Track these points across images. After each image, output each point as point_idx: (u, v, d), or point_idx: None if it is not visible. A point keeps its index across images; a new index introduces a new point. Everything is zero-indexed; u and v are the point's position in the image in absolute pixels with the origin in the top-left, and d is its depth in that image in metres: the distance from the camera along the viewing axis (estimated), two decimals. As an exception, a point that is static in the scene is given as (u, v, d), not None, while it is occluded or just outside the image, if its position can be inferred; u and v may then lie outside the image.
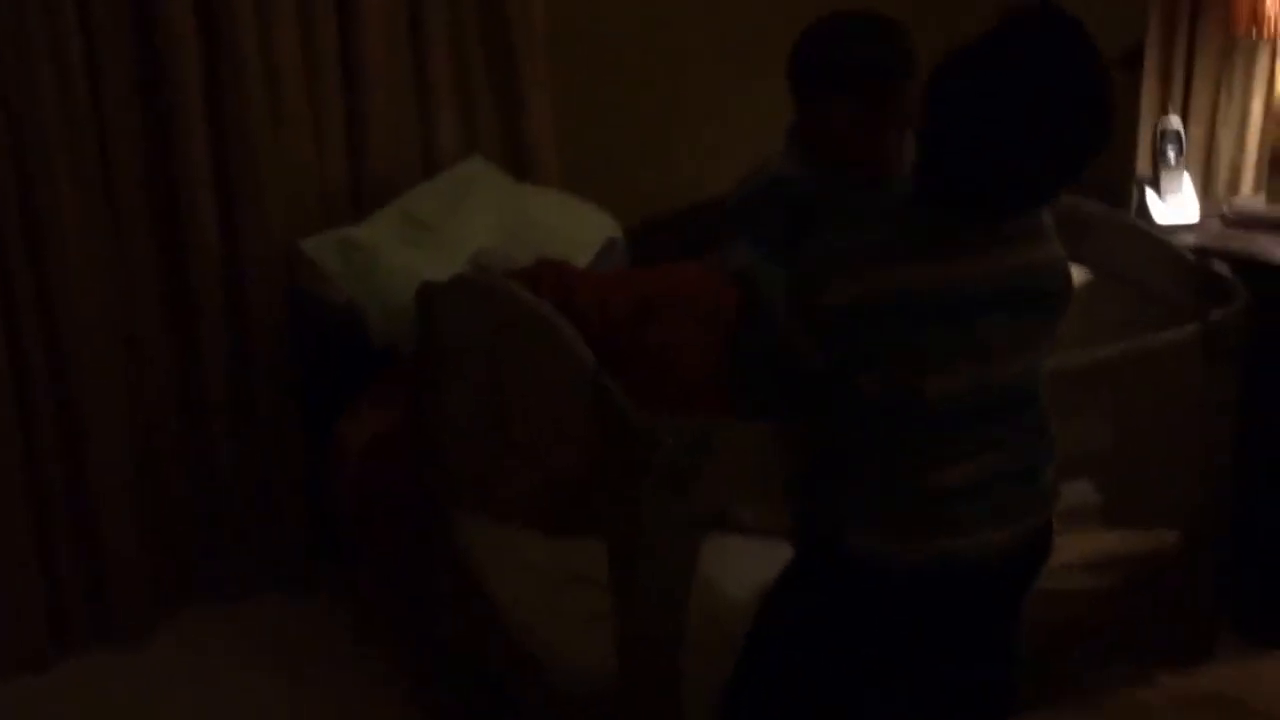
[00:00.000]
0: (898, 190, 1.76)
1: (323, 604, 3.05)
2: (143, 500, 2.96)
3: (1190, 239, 2.77)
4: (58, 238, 2.74)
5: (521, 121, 3.20)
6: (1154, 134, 2.90)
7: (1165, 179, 2.86)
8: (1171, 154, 2.85)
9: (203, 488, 3.03)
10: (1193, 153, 2.99)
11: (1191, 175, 2.95)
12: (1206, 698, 1.94)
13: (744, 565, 2.20)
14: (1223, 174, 2.97)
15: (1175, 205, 2.85)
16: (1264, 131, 2.92)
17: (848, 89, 1.92)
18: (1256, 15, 2.73)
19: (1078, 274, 2.91)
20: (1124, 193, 3.18)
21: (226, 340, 2.97)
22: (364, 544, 2.85)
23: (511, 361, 2.42)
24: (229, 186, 2.94)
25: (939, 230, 1.68)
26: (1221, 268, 2.40)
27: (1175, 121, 2.89)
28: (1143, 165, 3.01)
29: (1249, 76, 2.89)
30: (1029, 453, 1.81)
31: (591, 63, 3.32)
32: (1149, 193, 2.89)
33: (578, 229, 3.03)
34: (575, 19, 3.26)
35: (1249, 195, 2.95)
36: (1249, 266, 2.57)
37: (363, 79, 3.05)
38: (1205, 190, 2.99)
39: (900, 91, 1.91)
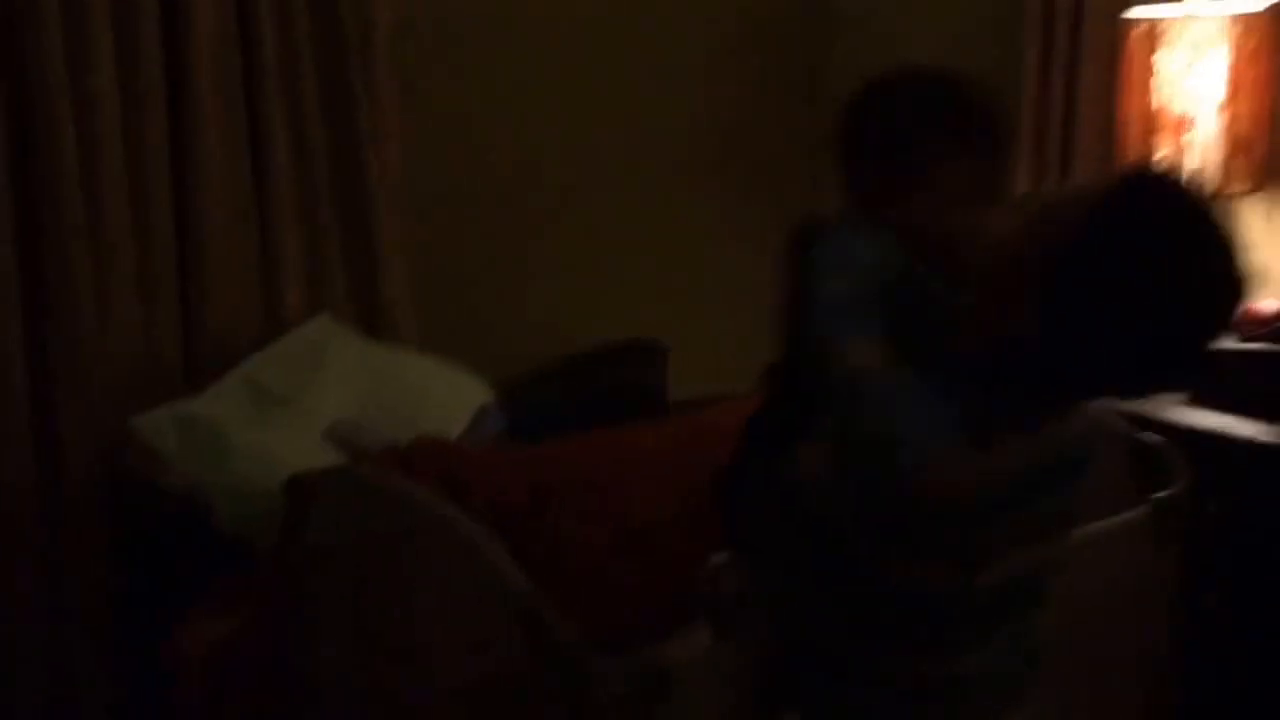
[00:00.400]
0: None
1: None
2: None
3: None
4: None
5: (376, 277, 2.93)
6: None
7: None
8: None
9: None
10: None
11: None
12: None
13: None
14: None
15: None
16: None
17: (968, 151, 1.57)
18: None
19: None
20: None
21: (39, 538, 2.58)
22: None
23: (407, 567, 2.12)
24: (45, 360, 2.58)
25: (1023, 407, 1.43)
26: (1157, 440, 2.30)
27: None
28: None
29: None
30: (1033, 632, 1.62)
31: (449, 214, 3.09)
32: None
33: (446, 396, 2.76)
34: (433, 170, 3.04)
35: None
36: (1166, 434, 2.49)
37: (199, 235, 2.74)
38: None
39: (1008, 157, 1.64)
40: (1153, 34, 2.66)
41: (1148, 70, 2.67)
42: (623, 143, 3.31)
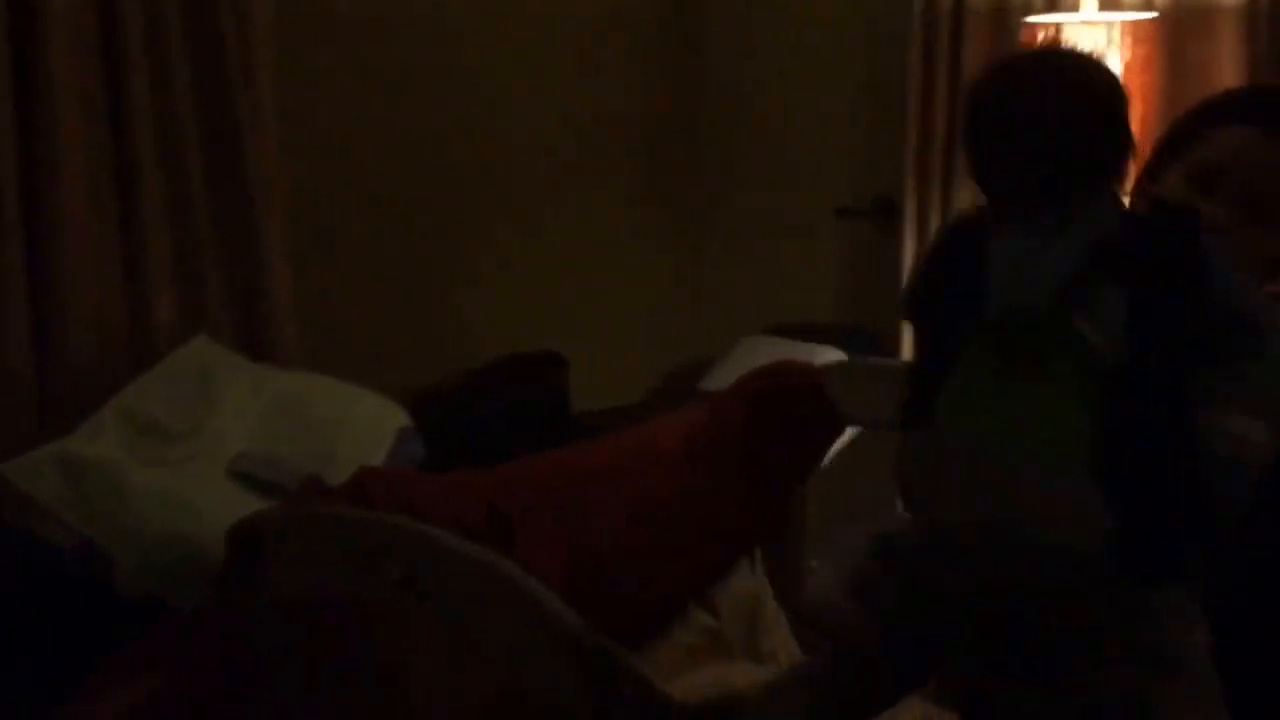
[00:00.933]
0: None
1: None
2: None
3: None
4: None
5: (257, 285, 2.66)
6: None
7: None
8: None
9: None
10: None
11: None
12: None
13: None
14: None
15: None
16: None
17: None
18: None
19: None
20: (893, 346, 3.14)
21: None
22: None
23: (406, 611, 1.91)
24: None
25: None
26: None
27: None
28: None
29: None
30: None
31: (331, 220, 2.88)
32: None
33: (361, 421, 2.52)
34: (315, 172, 2.81)
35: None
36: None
37: (53, 235, 2.41)
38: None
39: None
40: (1056, 40, 2.71)
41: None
42: (508, 150, 3.20)
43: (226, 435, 2.39)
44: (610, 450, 2.47)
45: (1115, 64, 2.69)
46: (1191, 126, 1.66)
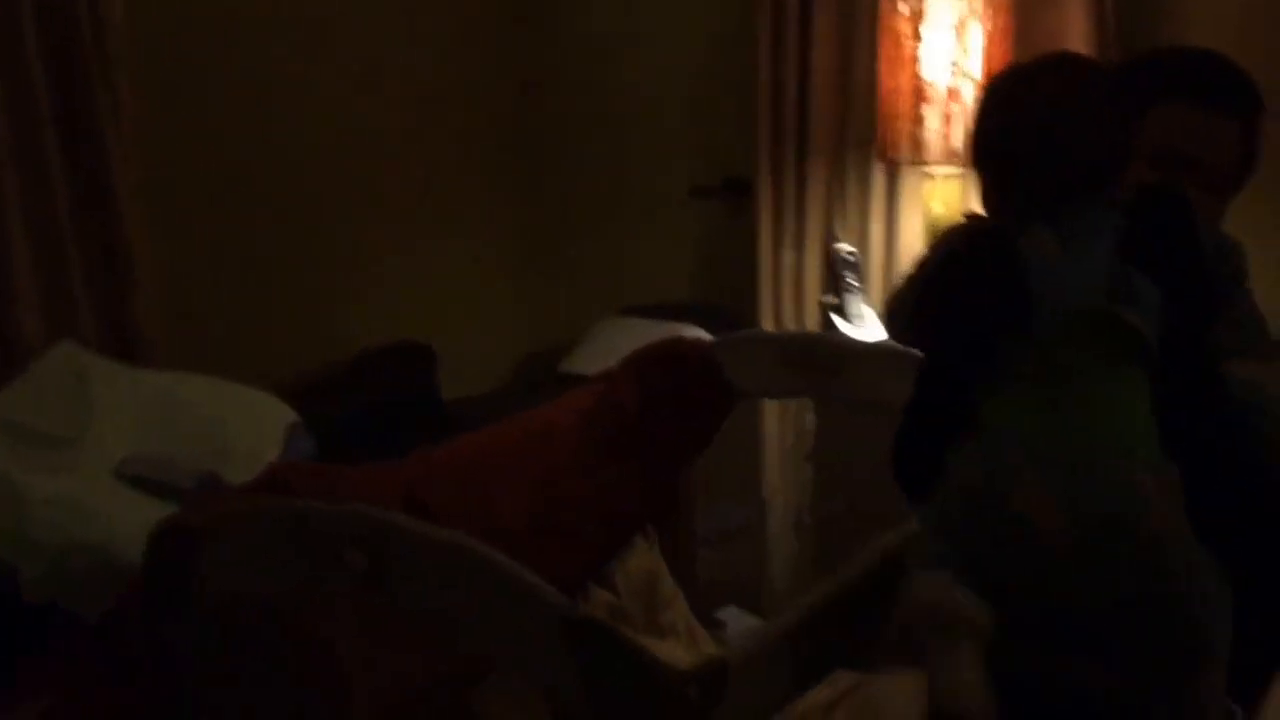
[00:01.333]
0: None
1: None
2: None
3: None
4: None
5: (125, 294, 2.54)
6: (832, 260, 2.90)
7: (850, 305, 2.86)
8: (851, 279, 2.86)
9: None
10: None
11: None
12: None
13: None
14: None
15: (864, 330, 2.85)
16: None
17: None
18: (916, 142, 2.80)
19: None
20: (751, 321, 3.18)
21: None
22: None
23: (366, 604, 1.84)
24: None
25: None
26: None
27: (847, 247, 2.90)
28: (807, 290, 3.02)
29: (893, 200, 2.98)
30: None
31: (189, 222, 2.75)
32: (836, 320, 2.87)
33: (249, 418, 2.43)
34: (172, 172, 2.69)
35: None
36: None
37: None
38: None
39: None
40: (920, 10, 2.78)
41: (916, 43, 2.79)
42: (355, 140, 3.12)
43: (109, 439, 2.28)
44: (513, 437, 2.44)
45: (977, 35, 2.78)
46: None
